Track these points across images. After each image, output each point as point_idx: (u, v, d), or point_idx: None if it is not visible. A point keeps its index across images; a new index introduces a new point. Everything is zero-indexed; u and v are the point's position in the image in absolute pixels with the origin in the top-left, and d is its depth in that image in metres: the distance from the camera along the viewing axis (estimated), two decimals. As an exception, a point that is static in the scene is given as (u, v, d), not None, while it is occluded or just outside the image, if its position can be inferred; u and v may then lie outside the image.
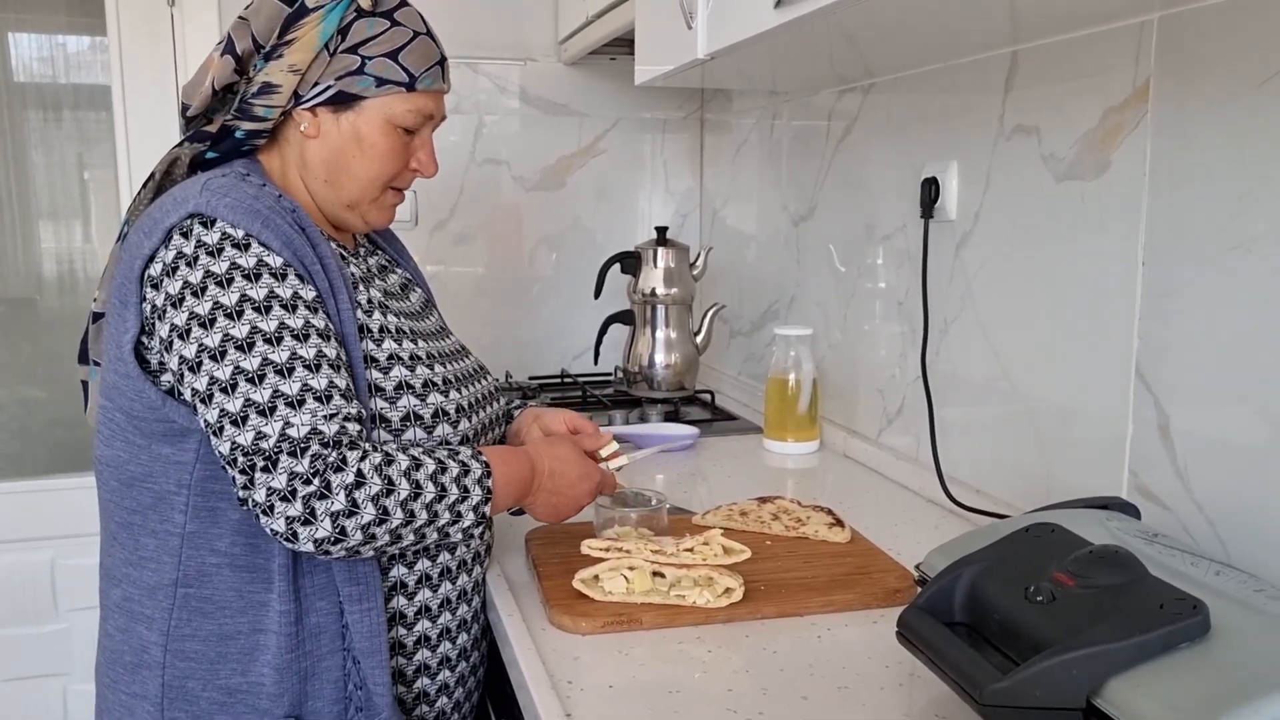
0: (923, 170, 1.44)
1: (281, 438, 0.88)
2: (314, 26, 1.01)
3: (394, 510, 0.92)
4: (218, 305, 0.92)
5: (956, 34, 1.23)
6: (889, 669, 0.92)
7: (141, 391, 0.96)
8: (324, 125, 1.04)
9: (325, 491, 0.88)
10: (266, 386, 0.90)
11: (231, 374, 0.90)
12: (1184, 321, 1.01)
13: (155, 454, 0.97)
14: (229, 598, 0.97)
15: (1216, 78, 0.96)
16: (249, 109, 1.03)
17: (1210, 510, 0.98)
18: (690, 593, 1.03)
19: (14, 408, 2.20)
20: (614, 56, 2.26)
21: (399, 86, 1.04)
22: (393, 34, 1.03)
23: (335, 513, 0.89)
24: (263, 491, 0.88)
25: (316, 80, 1.02)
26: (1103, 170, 1.11)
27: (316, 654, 0.99)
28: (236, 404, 0.89)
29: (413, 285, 1.21)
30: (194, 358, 0.91)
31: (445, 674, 1.10)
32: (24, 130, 2.15)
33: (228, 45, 1.03)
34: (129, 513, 0.99)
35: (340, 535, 0.89)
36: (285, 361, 0.91)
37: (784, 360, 1.69)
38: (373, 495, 0.90)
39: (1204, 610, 0.69)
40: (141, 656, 0.99)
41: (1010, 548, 0.83)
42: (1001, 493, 1.32)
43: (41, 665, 2.12)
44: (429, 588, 1.07)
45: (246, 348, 0.91)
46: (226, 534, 0.97)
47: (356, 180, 1.06)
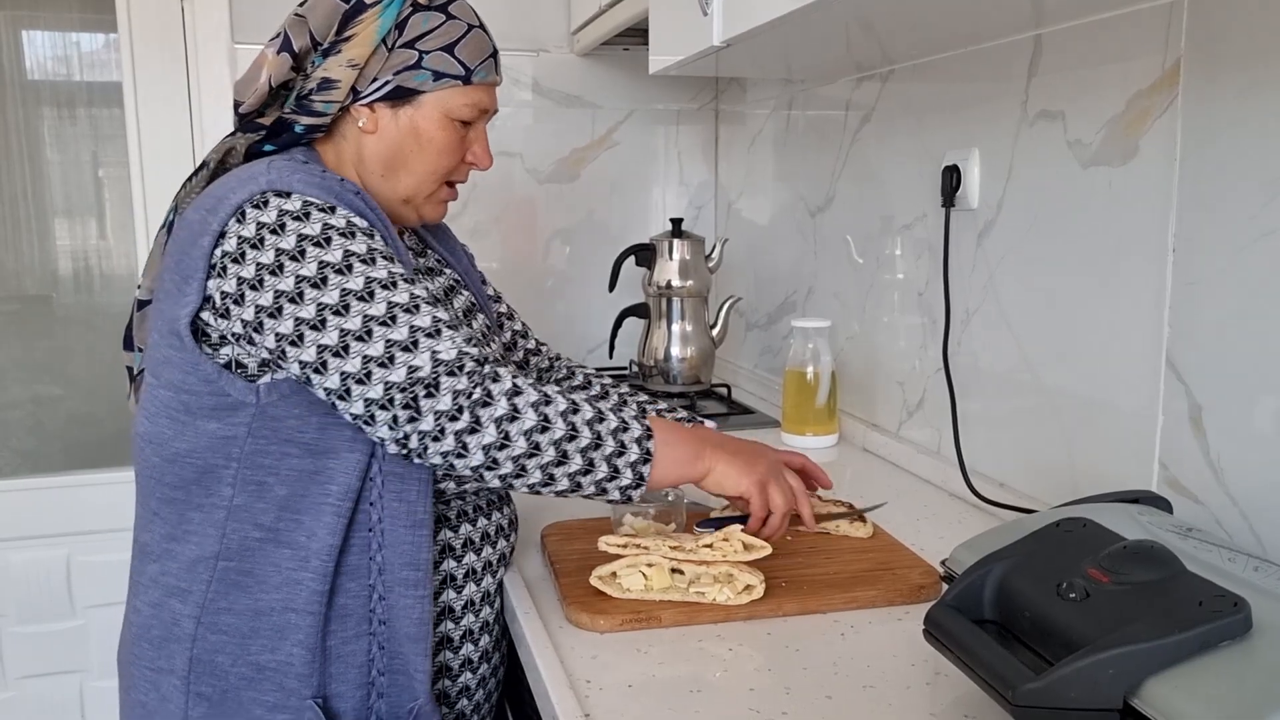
0: (943, 159, 1.41)
1: (435, 364, 0.89)
2: (372, 21, 1.01)
3: (555, 420, 0.93)
4: (324, 264, 0.91)
5: (978, 19, 1.20)
6: (915, 667, 0.90)
7: (197, 365, 0.96)
8: (382, 121, 1.04)
9: (488, 399, 0.90)
10: (401, 325, 0.90)
11: (363, 322, 0.90)
12: (1216, 309, 0.98)
13: (200, 430, 0.97)
14: (268, 573, 0.97)
15: (1249, 60, 0.93)
16: (308, 105, 1.03)
17: (1245, 504, 0.96)
18: (710, 589, 1.01)
19: (29, 405, 2.20)
20: (627, 47, 2.24)
21: (456, 80, 1.04)
22: (448, 27, 1.04)
23: (499, 417, 0.90)
24: (430, 418, 0.88)
25: (375, 75, 1.02)
26: (1130, 156, 1.08)
27: (342, 635, 0.98)
28: (378, 348, 0.89)
29: (459, 289, 1.19)
30: (314, 317, 0.90)
31: (467, 676, 1.09)
32: (39, 128, 2.15)
33: (284, 42, 1.02)
34: (171, 488, 0.99)
35: (505, 440, 0.90)
36: (407, 302, 0.92)
37: (802, 352, 1.67)
38: (532, 401, 0.92)
39: (1245, 607, 0.66)
40: (171, 630, 0.99)
41: (1040, 543, 0.81)
42: (1026, 487, 1.29)
43: (59, 662, 2.12)
44: (453, 589, 1.06)
45: (368, 297, 0.91)
46: (272, 509, 0.96)
47: (414, 175, 1.06)
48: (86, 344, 2.23)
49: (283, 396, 0.96)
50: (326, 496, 0.96)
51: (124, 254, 2.22)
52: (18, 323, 2.19)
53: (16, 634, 2.10)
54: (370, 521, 0.98)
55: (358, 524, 0.98)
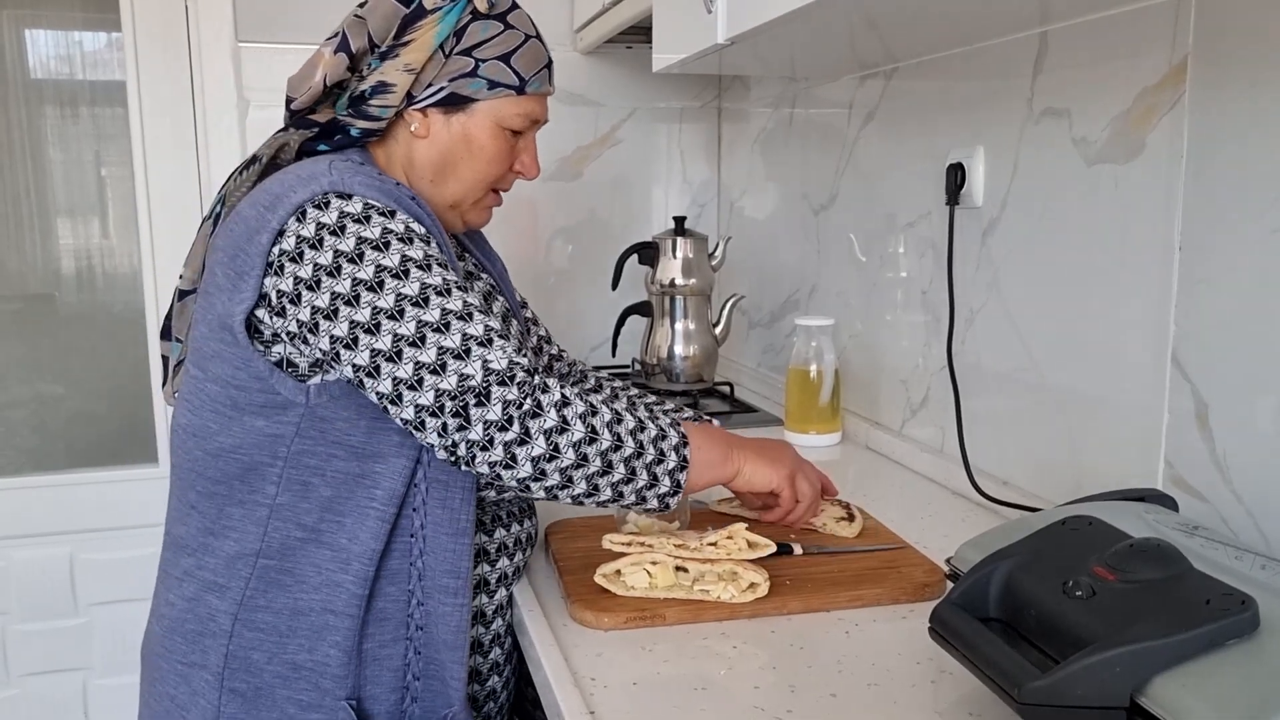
0: (947, 156, 1.41)
1: (487, 373, 0.89)
2: (431, 27, 1.01)
3: (601, 430, 0.93)
4: (381, 268, 0.91)
5: (983, 16, 1.20)
6: (920, 665, 0.90)
7: (249, 361, 0.95)
8: (434, 126, 1.05)
9: (537, 410, 0.90)
10: (455, 332, 0.90)
11: (417, 328, 0.90)
12: (1223, 307, 0.98)
13: (248, 426, 0.97)
14: (307, 573, 0.97)
15: (1257, 56, 0.93)
16: (365, 110, 1.03)
17: (1251, 502, 0.96)
18: (714, 587, 1.00)
19: (33, 403, 2.20)
20: (630, 45, 2.24)
21: (510, 90, 1.05)
22: (506, 37, 1.04)
23: (548, 429, 0.90)
24: (480, 428, 0.88)
25: (430, 81, 1.03)
26: (1137, 153, 1.08)
27: (380, 639, 0.98)
28: (430, 354, 0.89)
29: (495, 294, 1.19)
30: (369, 320, 0.90)
31: (494, 680, 1.09)
32: (41, 127, 2.15)
33: (342, 42, 1.02)
34: (213, 483, 0.98)
35: (554, 452, 0.90)
36: (462, 309, 0.92)
37: (805, 351, 1.66)
38: (580, 413, 0.92)
39: (1253, 605, 0.66)
40: (207, 625, 0.98)
41: (1046, 541, 0.81)
42: (1030, 485, 1.29)
43: (62, 660, 2.12)
44: (486, 593, 1.06)
45: (423, 303, 0.91)
46: (315, 509, 0.96)
47: (463, 181, 1.07)
48: (89, 343, 2.23)
49: (332, 398, 0.96)
50: (371, 500, 0.96)
51: (126, 253, 2.22)
52: (20, 321, 2.19)
53: (20, 632, 2.10)
54: (413, 527, 0.98)
55: (400, 529, 0.98)
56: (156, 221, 2.12)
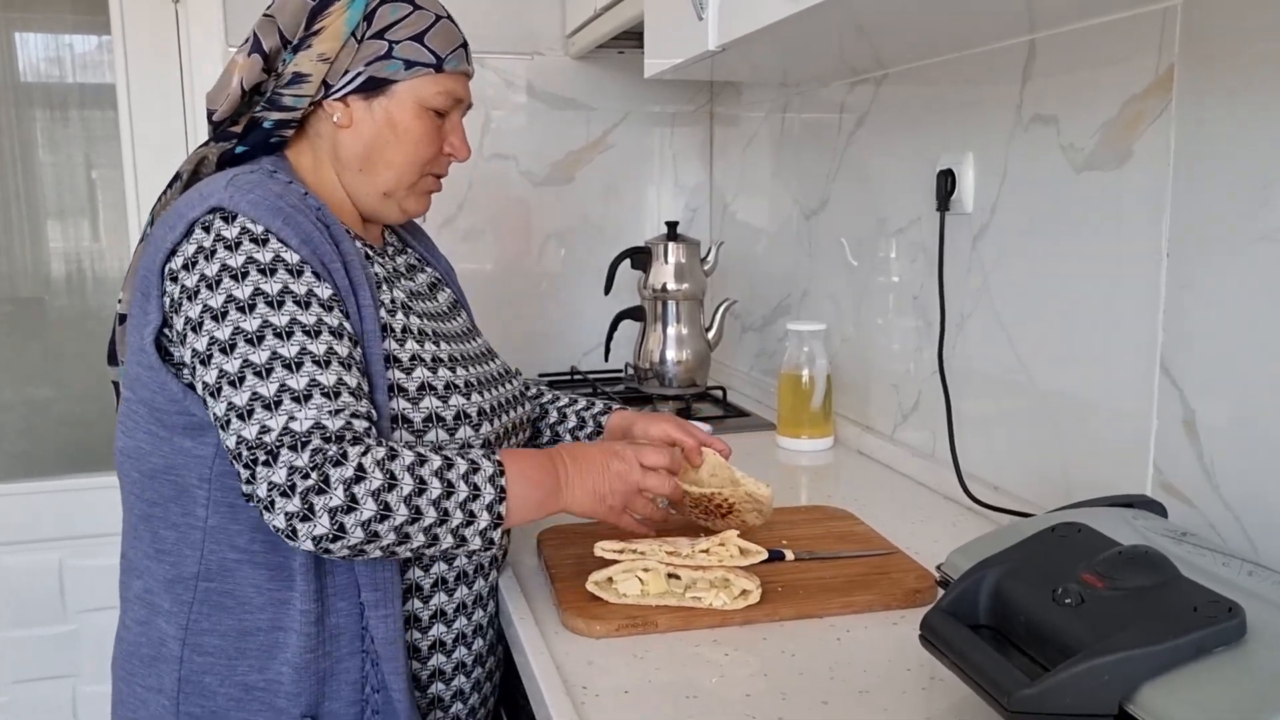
0: (938, 162, 1.41)
1: (284, 431, 0.87)
2: (340, 14, 1.01)
3: (396, 506, 0.88)
4: (230, 299, 0.91)
5: (972, 23, 1.20)
6: (910, 672, 0.90)
7: (164, 384, 0.96)
8: (356, 114, 1.04)
9: (324, 486, 0.86)
10: (274, 380, 0.88)
11: (240, 367, 0.89)
12: (1209, 314, 0.99)
13: (177, 446, 0.97)
14: (249, 594, 0.96)
15: (1242, 65, 0.94)
16: (278, 99, 1.03)
17: (1238, 508, 0.96)
18: (706, 595, 1.01)
19: (22, 408, 2.19)
20: (622, 50, 2.24)
21: (427, 68, 1.04)
22: (416, 17, 1.04)
23: (333, 509, 0.86)
24: (264, 486, 0.86)
25: (346, 68, 1.02)
26: (1124, 160, 1.09)
27: (335, 655, 0.97)
28: (243, 398, 0.88)
29: (442, 285, 1.20)
30: (205, 350, 0.91)
31: (460, 679, 1.08)
32: (31, 130, 2.14)
33: (254, 44, 1.02)
34: (149, 505, 0.99)
35: (339, 532, 0.87)
36: (294, 356, 0.90)
37: (797, 356, 1.67)
38: (373, 490, 0.87)
39: (1240, 613, 0.67)
40: (159, 650, 0.99)
41: (1035, 548, 0.81)
42: (1020, 490, 1.29)
43: (51, 667, 2.11)
44: (444, 591, 1.05)
45: (256, 341, 0.89)
46: (246, 530, 0.96)
47: (392, 167, 1.05)
48: (79, 347, 2.23)
49: None
50: None
51: (117, 256, 2.22)
52: (10, 325, 2.19)
53: (8, 638, 2.09)
54: None
55: None
56: (147, 226, 2.11)
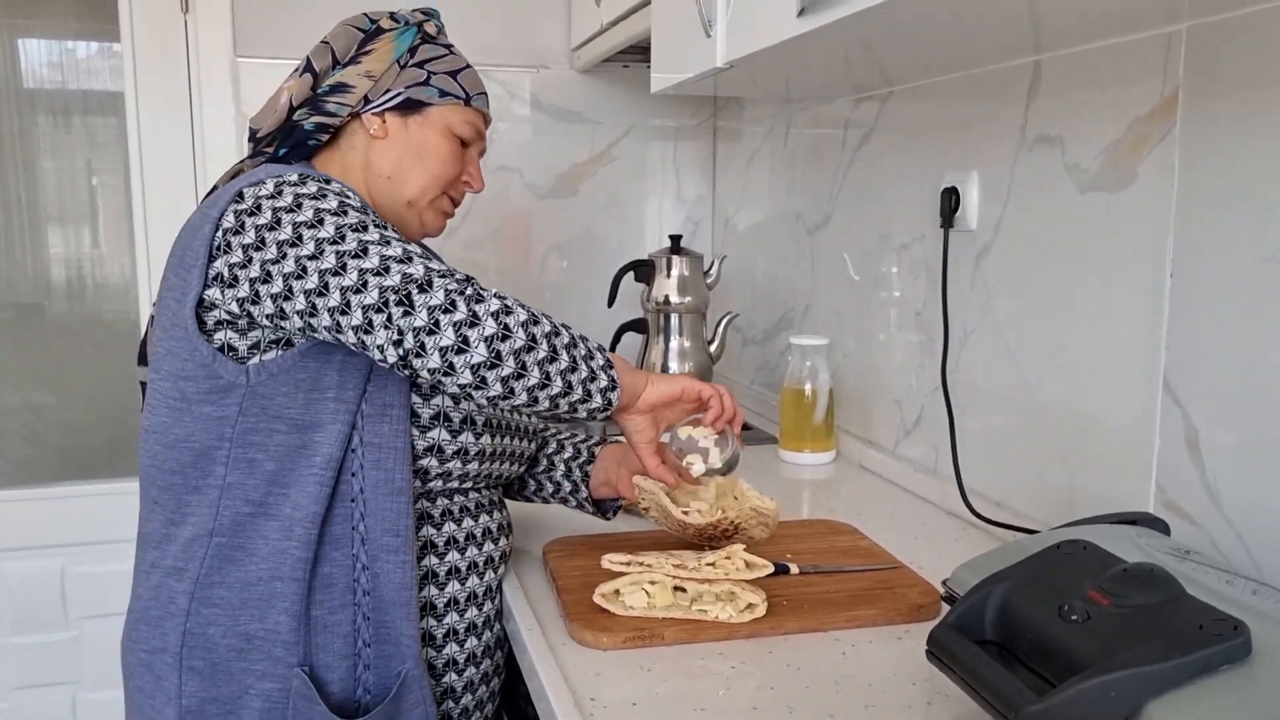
0: (942, 180, 1.42)
1: (428, 270, 0.94)
2: (389, 43, 1.15)
3: (541, 321, 0.97)
4: (320, 209, 0.98)
5: (978, 43, 1.22)
6: (916, 686, 0.91)
7: (195, 350, 1.00)
8: (392, 128, 1.15)
9: (480, 294, 0.94)
10: (395, 246, 0.96)
11: (359, 243, 0.95)
12: (1213, 334, 1.00)
13: (197, 414, 1.01)
14: (257, 545, 1.00)
15: (1247, 89, 0.95)
16: (321, 105, 1.12)
17: (1241, 526, 0.97)
18: (712, 607, 1.01)
19: (24, 413, 2.20)
20: (627, 64, 2.26)
21: (458, 100, 1.17)
22: (451, 59, 1.19)
23: (495, 310, 0.94)
24: (424, 312, 0.91)
25: (388, 88, 1.14)
26: (1129, 182, 1.10)
27: (328, 605, 1.01)
28: (374, 260, 0.94)
29: None
30: (315, 250, 0.95)
31: (451, 677, 1.09)
32: (34, 135, 2.15)
33: (306, 65, 1.13)
34: (170, 474, 1.02)
35: (505, 332, 0.94)
36: (398, 239, 0.98)
37: (800, 370, 1.68)
38: (519, 316, 0.96)
39: (1245, 631, 0.67)
40: (167, 608, 1.02)
41: (1041, 565, 0.82)
42: (1023, 506, 1.30)
43: (51, 674, 2.11)
44: (434, 585, 1.08)
45: (361, 228, 0.97)
46: (262, 484, 1.00)
47: (419, 178, 1.15)
48: (80, 352, 2.23)
49: (271, 376, 1.00)
50: (311, 468, 1.00)
51: (117, 263, 2.22)
52: (11, 331, 2.19)
53: (10, 645, 2.09)
54: (352, 492, 1.01)
55: (340, 495, 1.01)
56: (152, 233, 2.12)
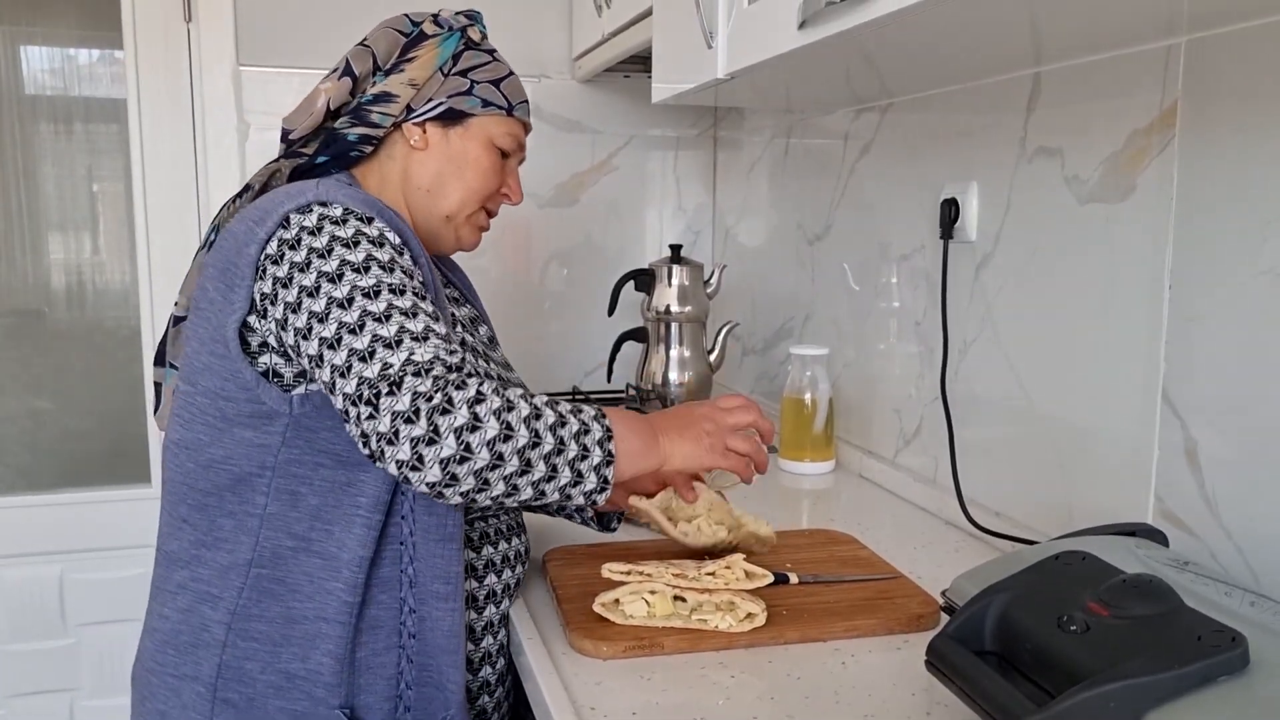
0: (941, 191, 1.43)
1: (406, 363, 0.89)
2: (433, 49, 1.11)
3: (518, 427, 0.90)
4: (345, 262, 0.94)
5: (978, 56, 1.22)
6: (915, 697, 0.91)
7: (238, 372, 0.97)
8: (433, 140, 1.12)
9: (448, 406, 0.87)
10: (393, 324, 0.91)
11: (359, 317, 0.91)
12: (1211, 345, 1.00)
13: (237, 437, 0.98)
14: (300, 581, 0.98)
15: (1245, 102, 0.96)
16: (365, 115, 1.09)
17: (1239, 538, 0.97)
18: (712, 617, 1.02)
19: (24, 420, 2.20)
20: (628, 74, 2.27)
21: (500, 110, 1.13)
22: (495, 67, 1.15)
23: (459, 428, 0.87)
24: (387, 418, 0.87)
25: (430, 97, 1.11)
26: (1128, 194, 1.11)
27: (373, 647, 0.99)
28: (364, 341, 0.90)
29: (480, 320, 1.23)
30: (323, 310, 0.92)
31: (485, 699, 1.10)
32: (35, 142, 2.16)
33: (345, 69, 1.10)
34: (204, 494, 1.00)
35: (466, 453, 0.87)
36: (409, 307, 0.93)
37: (799, 379, 1.68)
38: (494, 409, 0.89)
39: (1243, 643, 0.68)
40: (201, 636, 0.99)
41: (1040, 575, 0.82)
42: (1022, 516, 1.30)
43: (49, 681, 2.11)
44: (474, 609, 1.07)
45: (373, 295, 0.93)
46: (305, 518, 0.98)
47: (458, 192, 1.13)
48: (80, 360, 2.23)
49: (315, 408, 0.98)
50: (357, 508, 0.98)
51: (118, 269, 2.23)
52: (11, 337, 2.19)
53: (8, 652, 2.09)
54: (402, 535, 1.00)
55: (389, 537, 0.99)
56: (154, 240, 2.12)
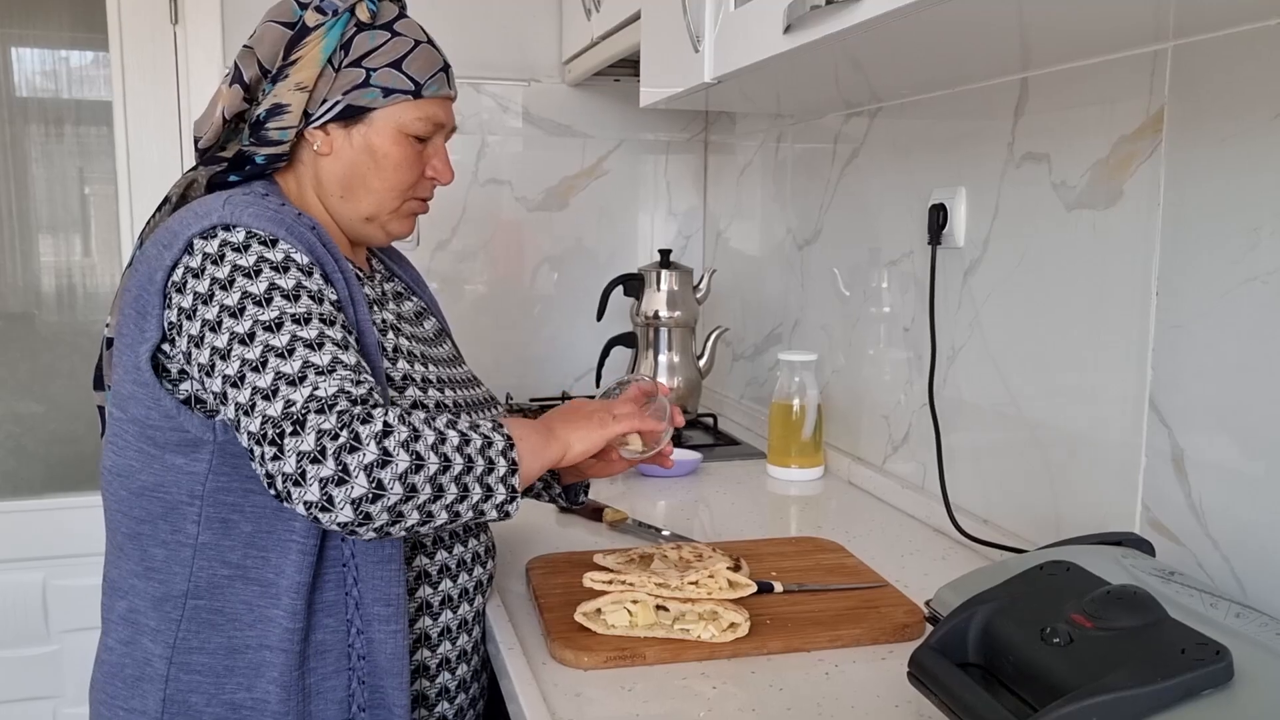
0: (930, 196, 1.42)
1: (309, 399, 0.86)
2: (316, 44, 1.02)
3: (427, 455, 0.88)
4: (246, 294, 0.91)
5: (966, 60, 1.22)
6: (899, 708, 0.90)
7: (158, 400, 0.95)
8: (336, 142, 1.05)
9: (355, 444, 0.85)
10: (296, 359, 0.88)
11: (261, 353, 0.88)
12: (1198, 353, 0.99)
13: (168, 464, 0.96)
14: (239, 610, 0.96)
15: (1231, 108, 0.95)
16: (264, 135, 1.04)
17: (1226, 547, 0.97)
18: (695, 627, 1.00)
19: (10, 424, 2.18)
20: (618, 78, 2.26)
21: (406, 95, 1.04)
22: (394, 44, 1.04)
23: (368, 464, 0.84)
24: (293, 459, 0.84)
25: (325, 97, 1.03)
26: (1115, 200, 1.10)
27: (321, 672, 0.97)
28: (267, 379, 0.87)
29: (427, 314, 1.21)
30: (225, 346, 0.90)
31: (444, 705, 1.07)
32: (25, 144, 2.15)
33: (235, 75, 1.04)
34: (138, 522, 0.98)
35: (378, 490, 0.85)
36: (314, 338, 0.90)
37: (788, 385, 1.67)
38: (402, 440, 0.87)
39: (1227, 656, 0.67)
40: (144, 670, 0.98)
41: (1024, 586, 0.81)
42: (1010, 524, 1.29)
43: (32, 687, 2.09)
44: (429, 616, 1.05)
45: (275, 328, 0.89)
46: (239, 546, 0.96)
47: (374, 193, 1.06)
48: (69, 363, 2.22)
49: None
50: (291, 534, 0.95)
51: (108, 272, 2.21)
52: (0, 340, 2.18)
53: (-11, 658, 2.07)
54: (343, 557, 0.98)
55: (329, 560, 0.97)
56: (140, 244, 2.11)
